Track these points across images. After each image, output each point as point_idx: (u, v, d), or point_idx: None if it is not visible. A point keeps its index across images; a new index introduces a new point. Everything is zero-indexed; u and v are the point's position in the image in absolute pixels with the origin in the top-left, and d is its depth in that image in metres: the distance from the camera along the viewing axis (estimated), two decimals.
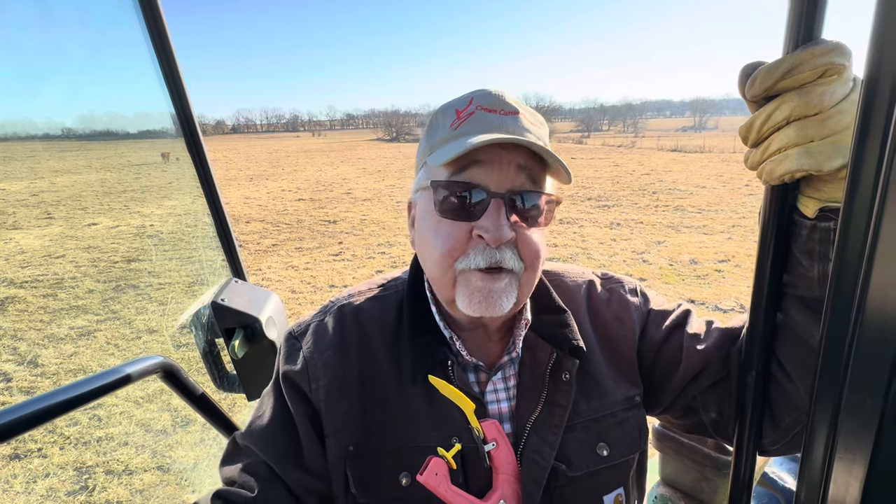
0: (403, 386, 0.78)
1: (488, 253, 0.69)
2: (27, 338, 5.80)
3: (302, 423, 0.79)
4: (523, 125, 0.72)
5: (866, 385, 0.44)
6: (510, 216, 0.70)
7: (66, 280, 7.88)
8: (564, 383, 0.78)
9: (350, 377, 0.80)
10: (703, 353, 0.81)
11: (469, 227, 0.70)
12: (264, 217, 13.42)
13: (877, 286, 0.41)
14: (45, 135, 62.31)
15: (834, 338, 0.50)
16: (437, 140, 0.75)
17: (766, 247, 0.64)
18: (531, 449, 0.75)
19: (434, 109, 0.81)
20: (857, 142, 0.44)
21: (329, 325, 0.84)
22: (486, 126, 0.71)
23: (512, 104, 0.73)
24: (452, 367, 0.77)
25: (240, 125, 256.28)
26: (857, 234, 0.45)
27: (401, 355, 0.80)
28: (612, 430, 0.80)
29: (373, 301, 0.87)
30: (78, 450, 3.78)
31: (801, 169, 0.57)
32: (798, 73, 0.55)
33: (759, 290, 0.67)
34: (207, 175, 1.38)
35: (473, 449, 0.74)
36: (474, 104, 0.73)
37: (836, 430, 0.48)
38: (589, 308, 0.89)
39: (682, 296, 6.54)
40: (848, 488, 0.47)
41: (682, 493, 1.40)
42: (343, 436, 0.77)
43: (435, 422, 0.76)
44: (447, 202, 0.71)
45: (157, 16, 1.18)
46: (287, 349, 0.85)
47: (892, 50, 0.40)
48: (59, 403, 0.82)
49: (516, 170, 0.70)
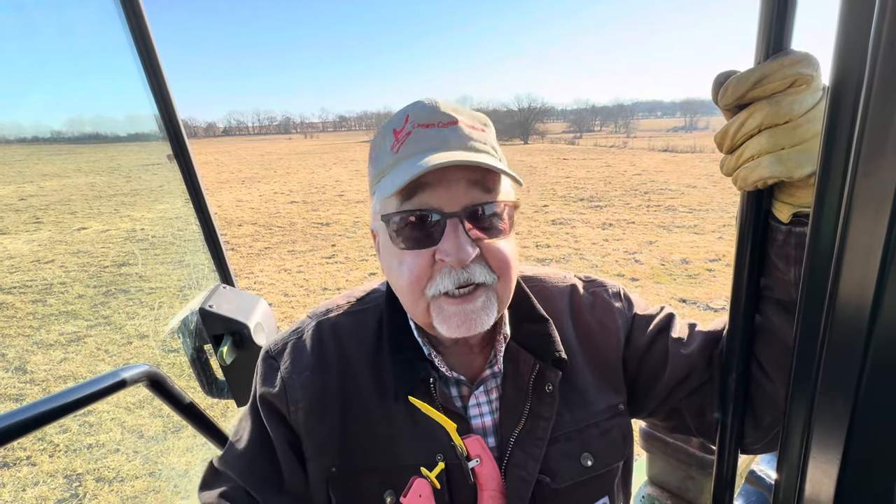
0: (385, 403, 0.77)
1: (455, 274, 0.67)
2: (15, 344, 5.72)
3: (281, 446, 0.78)
4: (465, 133, 0.70)
5: (837, 384, 0.45)
6: (470, 233, 0.68)
7: (55, 285, 7.79)
8: (548, 395, 0.77)
9: (330, 397, 0.78)
10: (688, 357, 0.81)
11: (431, 252, 0.68)
12: (256, 220, 13.34)
13: (845, 289, 0.42)
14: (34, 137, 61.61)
15: (806, 339, 0.52)
16: (381, 166, 0.73)
17: (743, 251, 0.65)
18: (515, 464, 0.74)
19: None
20: (824, 149, 0.45)
21: (307, 343, 0.82)
22: (425, 145, 0.68)
23: (449, 113, 0.70)
24: (434, 384, 0.76)
25: (231, 127, 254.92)
26: (826, 239, 0.46)
27: (382, 372, 0.79)
28: (596, 440, 0.80)
29: (351, 316, 0.85)
30: (68, 457, 3.73)
31: (773, 176, 0.58)
32: (767, 84, 0.56)
33: (738, 293, 0.68)
34: (194, 180, 1.38)
35: (457, 466, 0.73)
36: (410, 122, 0.70)
37: (811, 428, 0.49)
38: (572, 314, 0.87)
39: (674, 295, 6.58)
40: (822, 485, 0.48)
41: (668, 492, 1.42)
42: (325, 458, 0.76)
43: (418, 439, 0.75)
44: (403, 233, 0.69)
45: (140, 21, 1.18)
46: (264, 370, 0.83)
47: (855, 60, 0.41)
48: (42, 414, 0.81)
49: (466, 185, 0.68)
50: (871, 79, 0.37)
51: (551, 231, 10.62)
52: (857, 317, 0.42)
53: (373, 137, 0.78)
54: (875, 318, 0.40)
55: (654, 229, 10.41)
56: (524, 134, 69.62)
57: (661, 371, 0.83)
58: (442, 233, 0.67)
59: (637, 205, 13.27)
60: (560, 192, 15.89)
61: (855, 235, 0.40)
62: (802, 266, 0.62)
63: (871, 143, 0.38)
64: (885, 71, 0.36)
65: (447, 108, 0.71)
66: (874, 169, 0.38)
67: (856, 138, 0.39)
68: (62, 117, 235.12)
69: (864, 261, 0.40)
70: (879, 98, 0.36)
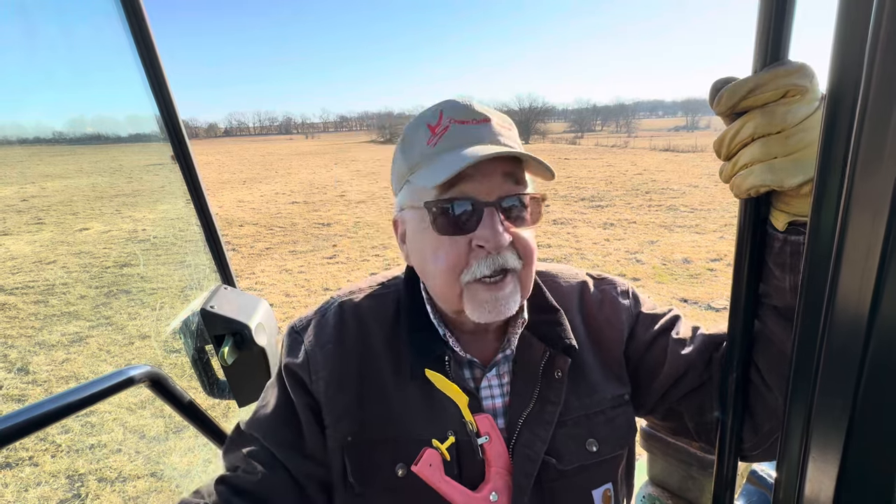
0: (401, 380, 0.81)
1: (491, 260, 0.72)
2: (18, 345, 5.74)
3: (303, 412, 0.82)
4: (496, 131, 0.75)
5: (836, 387, 0.46)
6: (503, 221, 0.72)
7: (57, 286, 7.81)
8: (556, 381, 0.81)
9: (349, 371, 0.82)
10: (686, 357, 0.83)
11: (467, 239, 0.73)
12: (258, 220, 13.36)
13: (843, 293, 0.43)
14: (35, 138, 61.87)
15: (805, 342, 0.52)
16: (415, 158, 0.77)
17: (742, 256, 0.66)
18: (523, 443, 0.77)
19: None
20: (822, 155, 0.45)
21: (330, 320, 0.87)
22: (463, 140, 0.73)
23: (482, 112, 0.76)
24: (449, 363, 0.79)
25: (232, 128, 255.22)
26: (824, 244, 0.46)
27: (398, 351, 0.83)
28: (602, 426, 0.83)
29: (372, 299, 0.90)
30: (70, 457, 3.74)
31: (764, 184, 0.59)
32: (760, 93, 0.57)
33: (738, 297, 0.69)
34: (195, 181, 1.38)
35: (467, 442, 0.77)
36: (446, 117, 0.75)
37: (810, 430, 0.50)
38: (581, 309, 0.91)
39: (675, 295, 6.58)
40: (822, 486, 0.48)
41: (669, 492, 1.42)
42: (342, 426, 0.80)
43: (431, 415, 0.79)
44: (442, 220, 0.73)
45: (141, 21, 1.18)
46: (289, 342, 0.88)
47: (851, 67, 0.41)
48: (45, 414, 0.82)
49: (502, 177, 0.73)
50: (867, 85, 0.37)
51: (553, 231, 10.62)
52: (854, 321, 0.42)
53: (405, 128, 0.82)
54: (872, 322, 0.40)
55: (656, 229, 10.40)
56: (525, 134, 69.78)
57: (659, 368, 0.85)
58: (479, 221, 0.72)
59: (638, 204, 13.27)
60: (561, 192, 15.88)
61: (853, 241, 0.41)
62: (800, 273, 0.63)
63: (868, 149, 0.38)
64: (881, 78, 0.36)
65: (480, 108, 0.77)
66: (871, 175, 0.38)
67: (853, 144, 0.39)
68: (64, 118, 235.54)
69: (862, 266, 0.40)
70: (876, 104, 0.37)
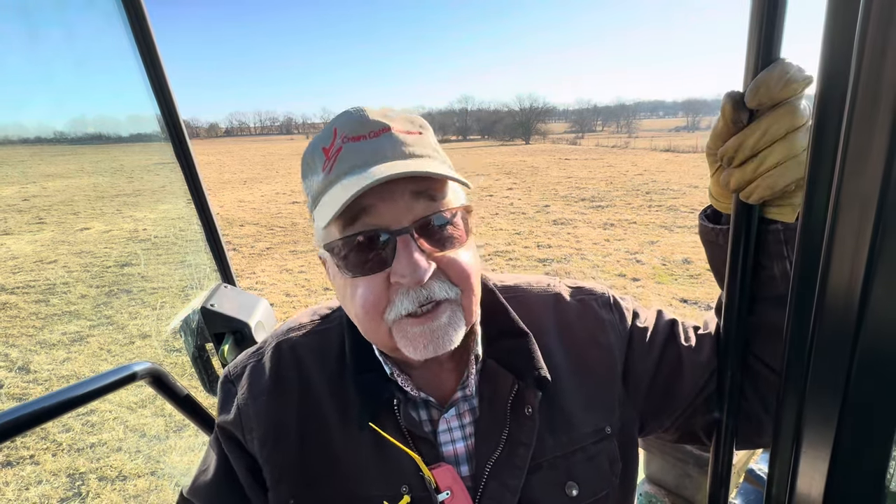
0: (348, 429, 0.71)
1: (414, 294, 0.62)
2: (19, 344, 5.76)
3: (243, 475, 0.74)
4: (399, 140, 0.63)
5: (827, 381, 0.47)
6: (424, 248, 0.62)
7: (58, 285, 7.83)
8: (527, 418, 0.70)
9: (288, 422, 0.73)
10: (706, 365, 0.76)
11: (385, 274, 0.62)
12: (258, 220, 13.39)
13: (834, 287, 0.44)
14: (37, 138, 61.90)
15: (796, 337, 0.53)
16: (315, 189, 0.67)
17: (736, 252, 0.67)
18: (490, 497, 0.68)
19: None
20: (812, 153, 0.47)
21: (266, 365, 0.78)
22: (358, 160, 0.62)
23: (379, 121, 0.64)
24: (398, 407, 0.69)
25: (233, 128, 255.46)
26: (814, 238, 0.47)
27: (344, 395, 0.73)
28: (582, 466, 0.73)
29: (313, 336, 0.80)
30: (71, 456, 3.76)
31: (799, 177, 0.58)
32: (793, 84, 0.55)
33: (732, 294, 0.69)
34: (196, 180, 1.39)
35: (426, 498, 0.67)
36: (339, 136, 0.64)
37: (801, 424, 0.50)
38: (557, 325, 0.80)
39: (675, 295, 6.58)
40: (813, 479, 0.49)
41: (666, 490, 1.43)
42: (283, 487, 0.72)
43: (383, 469, 0.69)
44: (350, 260, 0.63)
45: (142, 22, 1.19)
46: (222, 396, 0.80)
47: (840, 67, 0.42)
48: (46, 409, 0.83)
49: (411, 197, 0.61)
50: (855, 84, 0.38)
51: (553, 231, 10.62)
52: (845, 315, 0.43)
53: (303, 154, 0.71)
54: (862, 316, 0.41)
55: (656, 229, 10.40)
56: (526, 134, 69.66)
57: (678, 383, 0.77)
58: (393, 253, 0.61)
59: (639, 205, 13.27)
60: (562, 193, 15.90)
61: (842, 234, 0.42)
62: (786, 261, 0.65)
63: (856, 145, 0.39)
64: (868, 78, 0.37)
65: (376, 115, 0.65)
66: (860, 170, 0.39)
67: (842, 141, 0.40)
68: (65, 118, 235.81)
69: (852, 259, 0.41)
70: (864, 102, 0.38)
